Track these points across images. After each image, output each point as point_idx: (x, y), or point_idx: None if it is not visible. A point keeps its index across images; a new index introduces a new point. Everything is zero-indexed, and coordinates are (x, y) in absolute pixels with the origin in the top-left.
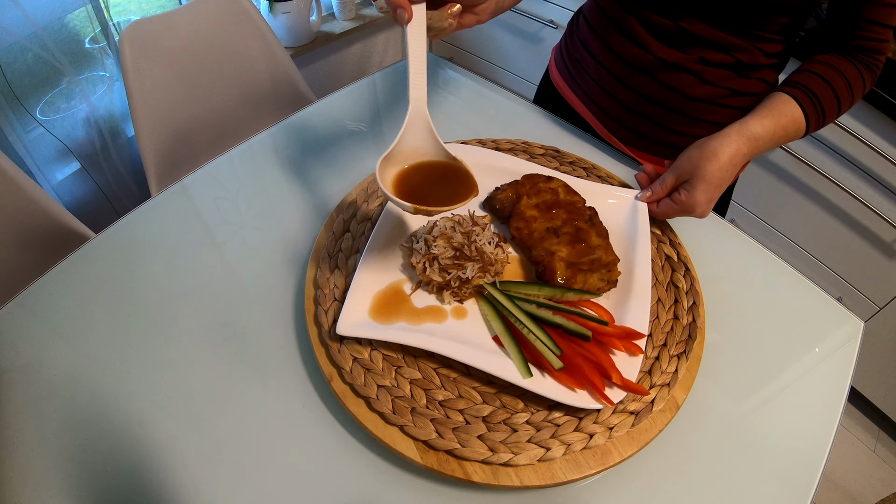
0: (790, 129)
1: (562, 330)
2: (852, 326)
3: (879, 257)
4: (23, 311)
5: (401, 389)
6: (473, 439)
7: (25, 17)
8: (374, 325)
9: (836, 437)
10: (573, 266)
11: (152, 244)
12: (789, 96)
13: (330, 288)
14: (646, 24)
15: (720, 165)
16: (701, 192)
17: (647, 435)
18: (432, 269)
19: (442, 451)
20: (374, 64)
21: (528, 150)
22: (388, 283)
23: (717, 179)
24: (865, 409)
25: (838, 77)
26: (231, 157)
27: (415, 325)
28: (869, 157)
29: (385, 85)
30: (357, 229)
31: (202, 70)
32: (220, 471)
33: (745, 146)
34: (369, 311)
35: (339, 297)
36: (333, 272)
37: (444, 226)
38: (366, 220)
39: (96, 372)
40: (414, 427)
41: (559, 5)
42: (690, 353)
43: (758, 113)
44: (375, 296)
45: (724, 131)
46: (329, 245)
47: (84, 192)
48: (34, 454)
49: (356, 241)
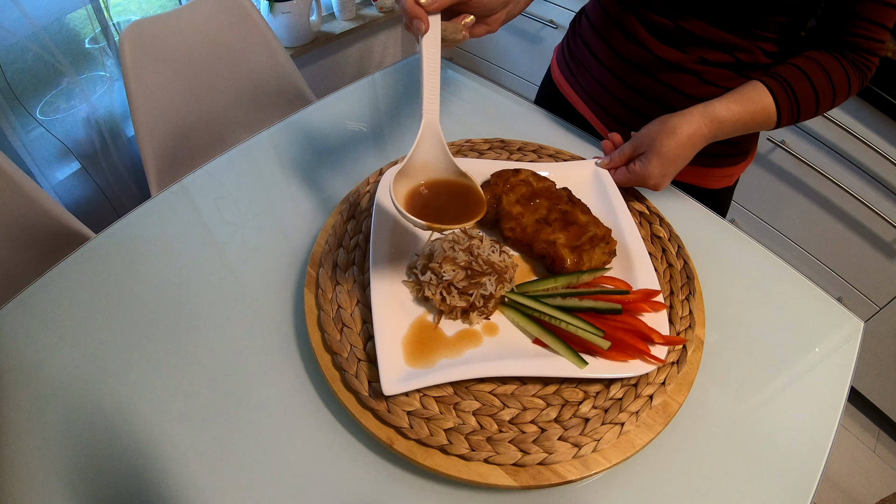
0: (758, 118)
1: (593, 312)
2: (852, 326)
3: (879, 257)
4: (23, 311)
5: (468, 424)
6: (558, 443)
7: (25, 17)
8: (419, 373)
9: (836, 437)
10: (576, 249)
11: (152, 244)
12: (763, 85)
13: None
14: (646, 24)
15: (677, 142)
16: (655, 165)
17: (647, 435)
18: (451, 296)
19: (532, 465)
20: (374, 64)
21: (475, 148)
22: (410, 324)
23: (672, 155)
24: (865, 409)
25: (821, 74)
26: (231, 157)
27: (456, 358)
28: (869, 157)
29: (385, 85)
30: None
31: (202, 70)
32: (219, 471)
33: (705, 127)
34: (406, 360)
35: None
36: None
37: (442, 249)
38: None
39: (96, 372)
40: (497, 455)
41: (559, 5)
42: (696, 292)
43: (727, 97)
44: (404, 341)
45: (689, 110)
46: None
47: (84, 192)
48: (34, 454)
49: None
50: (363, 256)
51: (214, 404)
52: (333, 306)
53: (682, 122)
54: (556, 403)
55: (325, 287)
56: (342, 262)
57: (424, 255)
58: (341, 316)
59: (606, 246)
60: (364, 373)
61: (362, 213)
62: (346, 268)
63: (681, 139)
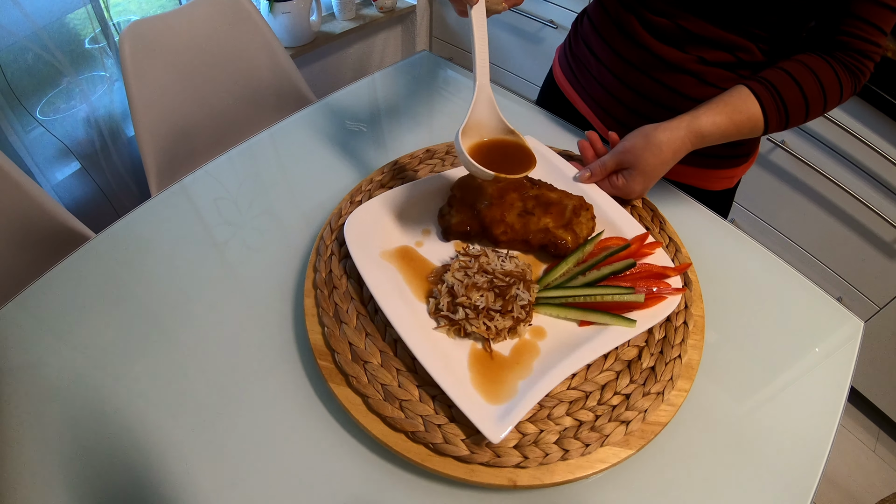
0: (744, 128)
1: (612, 275)
2: (852, 326)
3: (879, 257)
4: (23, 311)
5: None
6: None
7: (25, 17)
8: (510, 406)
9: (836, 437)
10: (567, 226)
11: (152, 244)
12: (751, 92)
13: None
14: (646, 24)
15: (662, 160)
16: (638, 182)
17: (646, 435)
18: (495, 320)
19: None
20: (374, 64)
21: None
22: (467, 366)
23: (656, 172)
24: (865, 409)
25: (811, 78)
26: (231, 157)
27: (529, 374)
28: (869, 157)
29: (385, 85)
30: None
31: (202, 70)
32: (220, 470)
33: (689, 142)
34: (487, 400)
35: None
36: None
37: (457, 282)
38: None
39: (96, 372)
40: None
41: (559, 5)
42: (681, 253)
43: (713, 108)
44: (474, 384)
45: (674, 123)
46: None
47: (84, 192)
48: (34, 454)
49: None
50: None
51: (214, 404)
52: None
53: (667, 138)
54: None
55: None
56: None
57: (444, 294)
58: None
59: (587, 212)
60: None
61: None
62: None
63: (665, 157)
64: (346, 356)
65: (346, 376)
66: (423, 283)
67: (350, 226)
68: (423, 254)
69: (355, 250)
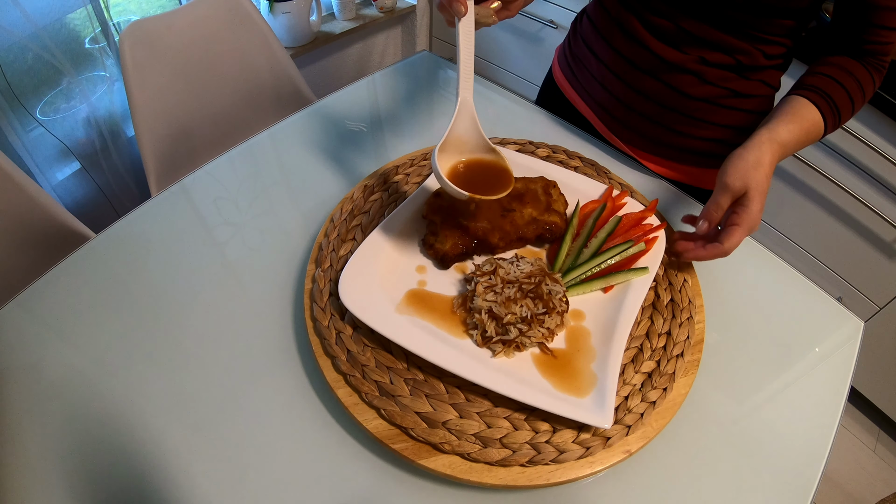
0: (812, 134)
1: (608, 237)
2: (852, 326)
3: (879, 257)
4: (23, 311)
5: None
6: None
7: (25, 17)
8: (595, 396)
9: (836, 437)
10: (547, 209)
11: (152, 244)
12: (808, 101)
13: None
14: (647, 24)
15: (766, 174)
16: (758, 202)
17: (646, 435)
18: (546, 322)
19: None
20: (374, 64)
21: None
22: (534, 367)
23: (765, 188)
24: (865, 409)
25: (851, 79)
26: (231, 157)
27: (602, 360)
28: (869, 157)
29: (385, 85)
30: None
31: (202, 70)
32: (220, 470)
33: (777, 153)
34: (570, 393)
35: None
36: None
37: (492, 304)
38: (363, 215)
39: (96, 372)
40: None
41: (559, 5)
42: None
43: (783, 119)
44: (555, 386)
45: (757, 140)
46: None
47: (84, 192)
48: (35, 454)
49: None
50: None
51: (214, 403)
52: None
53: (761, 152)
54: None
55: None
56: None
57: (487, 321)
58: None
59: (555, 189)
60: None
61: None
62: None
63: (767, 170)
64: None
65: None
66: (452, 318)
67: (350, 299)
68: (432, 290)
69: (373, 320)
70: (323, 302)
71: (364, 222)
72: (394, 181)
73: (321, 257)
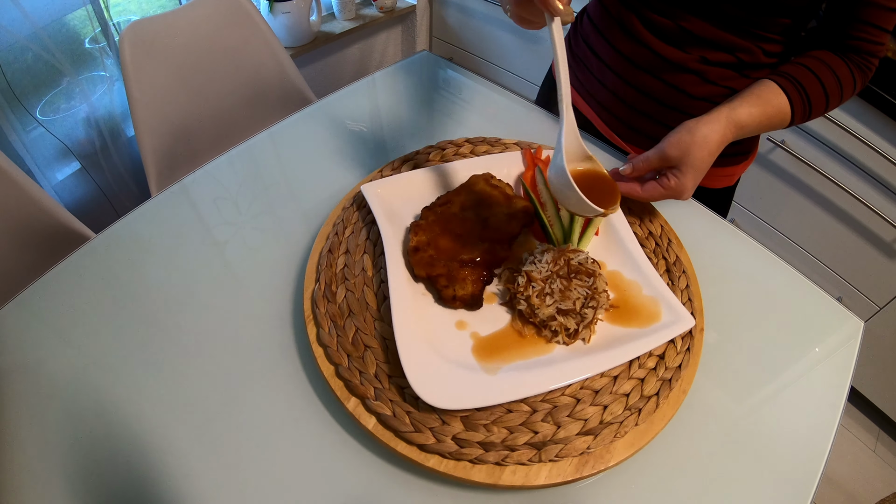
0: (775, 120)
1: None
2: (852, 326)
3: (879, 257)
4: (23, 311)
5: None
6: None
7: (25, 17)
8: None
9: (836, 437)
10: (506, 199)
11: (152, 244)
12: (778, 86)
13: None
14: (647, 23)
15: (709, 152)
16: (690, 177)
17: (646, 435)
18: (598, 295)
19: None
20: (374, 64)
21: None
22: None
23: (704, 165)
24: (865, 409)
25: (829, 74)
26: (231, 157)
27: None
28: (869, 157)
29: (385, 85)
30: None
31: (202, 70)
32: (219, 470)
33: (731, 133)
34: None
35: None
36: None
37: (552, 305)
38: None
39: (96, 372)
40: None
41: None
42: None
43: (746, 100)
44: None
45: (713, 116)
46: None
47: (84, 192)
48: (34, 454)
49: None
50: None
51: (214, 403)
52: (333, 306)
53: (710, 130)
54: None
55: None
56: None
57: (560, 319)
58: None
59: (493, 177)
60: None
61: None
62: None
63: (712, 148)
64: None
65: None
66: (527, 341)
67: (445, 399)
68: (488, 333)
69: (484, 397)
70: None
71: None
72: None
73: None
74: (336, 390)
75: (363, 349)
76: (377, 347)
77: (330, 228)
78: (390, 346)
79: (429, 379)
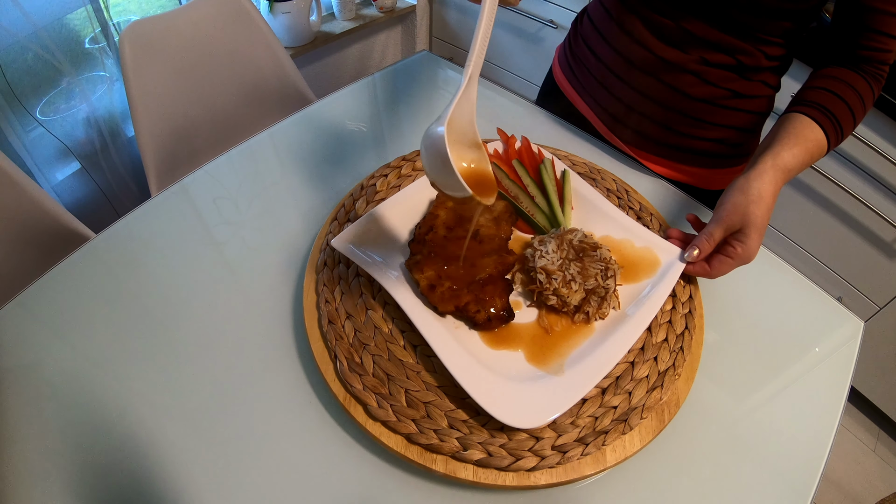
0: (815, 154)
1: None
2: (852, 326)
3: (879, 257)
4: (23, 311)
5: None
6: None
7: (25, 17)
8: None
9: (836, 437)
10: (495, 217)
11: (152, 244)
12: (810, 119)
13: (331, 292)
14: (648, 24)
15: (767, 206)
16: (755, 239)
17: (646, 435)
18: (611, 264)
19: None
20: (374, 64)
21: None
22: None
23: (765, 222)
24: (865, 409)
25: (851, 93)
26: (231, 157)
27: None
28: (869, 156)
29: (385, 85)
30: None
31: (202, 70)
32: (219, 470)
33: (781, 180)
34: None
35: (369, 370)
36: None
37: (576, 289)
38: (340, 265)
39: (96, 372)
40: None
41: (559, 5)
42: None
43: (786, 142)
44: None
45: (759, 168)
46: (326, 316)
47: (84, 192)
48: (34, 454)
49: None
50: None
51: (214, 404)
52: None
53: (763, 183)
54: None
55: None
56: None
57: (591, 299)
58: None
59: (471, 198)
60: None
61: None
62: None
63: (769, 202)
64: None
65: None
66: (567, 332)
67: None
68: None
69: (540, 415)
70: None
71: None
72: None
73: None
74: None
75: (422, 407)
76: (437, 398)
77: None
78: (448, 392)
79: (511, 405)
